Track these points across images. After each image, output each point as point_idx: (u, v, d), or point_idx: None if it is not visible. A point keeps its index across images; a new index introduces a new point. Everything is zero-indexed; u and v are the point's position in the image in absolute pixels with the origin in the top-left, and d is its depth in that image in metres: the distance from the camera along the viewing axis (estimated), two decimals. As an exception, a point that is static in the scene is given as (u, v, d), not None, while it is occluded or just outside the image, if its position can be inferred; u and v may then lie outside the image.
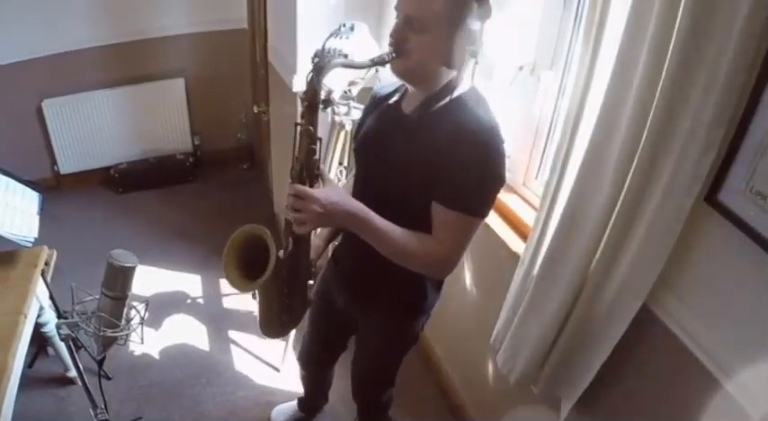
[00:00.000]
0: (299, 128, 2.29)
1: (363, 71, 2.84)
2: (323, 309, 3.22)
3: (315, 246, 2.84)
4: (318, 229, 2.72)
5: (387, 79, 2.45)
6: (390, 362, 3.23)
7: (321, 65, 2.18)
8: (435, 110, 2.38)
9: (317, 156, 2.32)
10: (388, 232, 2.35)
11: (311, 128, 2.26)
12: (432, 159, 2.30)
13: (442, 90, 2.37)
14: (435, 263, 2.47)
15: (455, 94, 2.37)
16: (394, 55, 2.25)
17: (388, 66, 2.33)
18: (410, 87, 2.49)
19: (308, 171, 2.32)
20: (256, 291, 2.74)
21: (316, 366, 3.75)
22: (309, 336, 3.51)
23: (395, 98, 2.58)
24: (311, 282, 2.82)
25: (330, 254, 3.11)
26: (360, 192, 2.71)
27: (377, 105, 2.69)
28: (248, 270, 2.57)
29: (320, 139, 2.31)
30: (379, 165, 2.58)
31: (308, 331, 3.50)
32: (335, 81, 3.18)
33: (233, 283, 2.58)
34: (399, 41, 2.24)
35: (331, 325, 3.28)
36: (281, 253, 2.63)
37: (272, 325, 2.89)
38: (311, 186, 2.32)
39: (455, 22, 2.17)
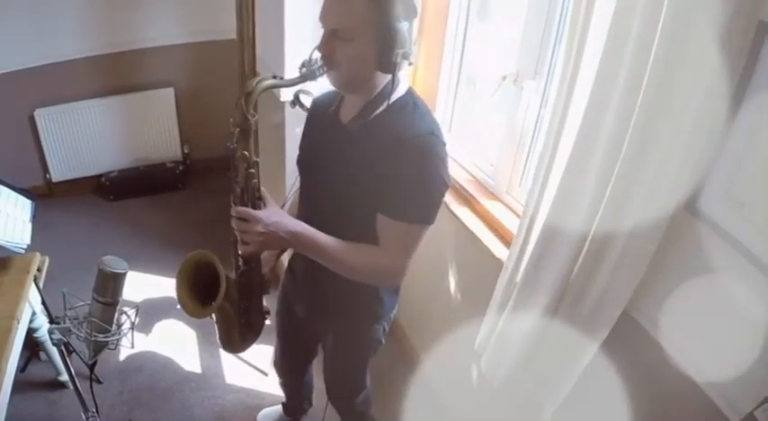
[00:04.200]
0: (236, 153, 2.28)
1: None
2: (286, 318, 3.26)
3: (265, 260, 2.83)
4: None
5: (327, 86, 2.45)
6: (356, 366, 3.25)
7: (249, 90, 2.18)
8: (373, 118, 2.37)
9: (255, 180, 2.31)
10: (332, 248, 2.37)
11: (246, 152, 2.26)
12: (372, 170, 2.31)
13: (379, 95, 2.35)
14: (383, 274, 2.49)
15: (392, 99, 2.33)
16: (324, 69, 2.23)
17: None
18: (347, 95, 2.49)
19: (250, 194, 2.32)
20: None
21: (291, 373, 3.78)
22: (279, 345, 3.55)
23: (333, 107, 2.57)
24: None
25: (286, 264, 3.11)
26: (304, 204, 2.75)
27: (317, 114, 2.69)
28: (202, 294, 2.60)
29: (257, 163, 2.30)
30: (320, 178, 2.59)
31: (277, 340, 3.54)
32: (323, 91, 3.21)
33: (188, 311, 2.60)
34: (327, 54, 2.23)
35: (296, 333, 3.31)
36: (233, 273, 2.65)
37: (233, 341, 2.91)
38: (255, 209, 2.32)
39: (380, 26, 2.13)
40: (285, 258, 3.11)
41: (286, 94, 3.89)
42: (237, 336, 2.86)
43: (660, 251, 2.23)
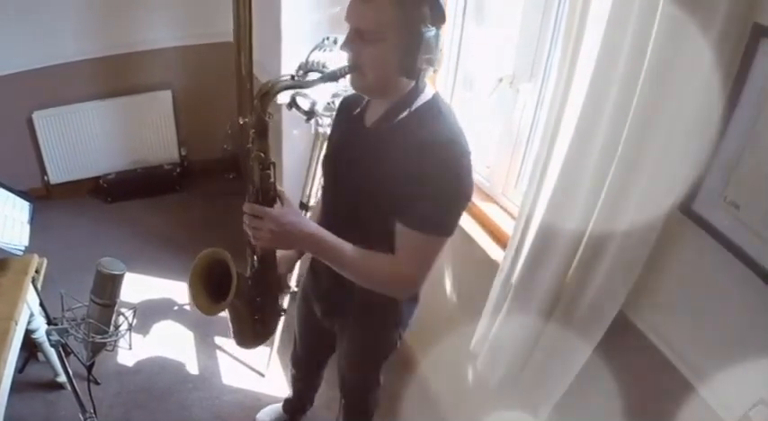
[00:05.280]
0: (251, 154, 2.26)
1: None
2: (306, 315, 3.22)
3: (288, 258, 2.85)
4: None
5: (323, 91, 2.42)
6: (369, 368, 3.25)
7: (265, 91, 2.15)
8: (396, 123, 2.31)
9: (272, 180, 2.28)
10: (345, 254, 2.33)
11: (262, 154, 2.24)
12: (392, 176, 2.25)
13: (403, 100, 2.29)
14: (397, 284, 2.44)
15: (416, 104, 2.30)
16: (346, 70, 2.21)
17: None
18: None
19: (264, 195, 2.29)
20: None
21: (306, 368, 3.78)
22: (298, 338, 3.54)
23: (358, 109, 2.53)
24: (295, 289, 2.81)
25: (309, 264, 3.08)
26: (324, 204, 2.74)
27: (344, 115, 2.66)
28: (215, 292, 2.57)
29: (273, 164, 2.27)
30: (342, 181, 2.56)
31: (296, 333, 3.53)
32: (319, 93, 3.21)
33: (200, 307, 2.58)
34: (351, 55, 2.20)
35: (314, 330, 3.25)
36: (248, 270, 2.63)
37: (246, 337, 2.87)
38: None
39: (407, 31, 2.09)
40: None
41: (282, 97, 3.89)
42: (251, 333, 2.84)
43: (655, 253, 2.23)
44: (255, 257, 2.59)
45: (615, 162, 2.20)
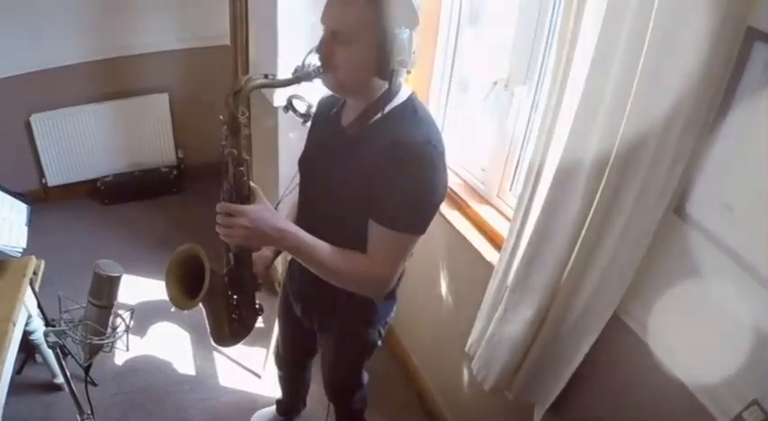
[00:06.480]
0: (224, 151, 2.26)
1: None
2: (287, 314, 3.24)
3: (264, 257, 2.85)
4: None
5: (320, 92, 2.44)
6: (350, 367, 3.26)
7: (238, 88, 2.16)
8: (371, 124, 2.34)
9: (245, 178, 2.29)
10: (318, 251, 2.34)
11: (235, 151, 2.25)
12: (367, 175, 2.27)
13: (378, 101, 2.31)
14: (368, 282, 2.45)
15: (392, 105, 2.32)
16: (321, 70, 2.21)
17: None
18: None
19: (238, 192, 2.31)
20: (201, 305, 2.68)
21: (290, 366, 3.78)
22: (281, 338, 3.56)
23: (335, 109, 2.55)
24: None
25: (287, 264, 3.11)
26: (300, 205, 2.74)
27: (322, 116, 2.69)
28: (192, 286, 2.57)
29: (246, 160, 2.29)
30: (317, 180, 2.58)
31: (279, 333, 3.55)
32: (316, 96, 3.21)
33: (174, 302, 2.61)
34: (325, 55, 2.20)
35: (296, 329, 3.26)
36: (224, 269, 2.64)
37: (222, 335, 2.86)
38: None
39: (380, 32, 2.11)
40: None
41: (279, 99, 3.90)
42: (228, 331, 2.83)
43: (649, 254, 2.24)
44: (231, 255, 2.60)
45: (610, 164, 2.21)
